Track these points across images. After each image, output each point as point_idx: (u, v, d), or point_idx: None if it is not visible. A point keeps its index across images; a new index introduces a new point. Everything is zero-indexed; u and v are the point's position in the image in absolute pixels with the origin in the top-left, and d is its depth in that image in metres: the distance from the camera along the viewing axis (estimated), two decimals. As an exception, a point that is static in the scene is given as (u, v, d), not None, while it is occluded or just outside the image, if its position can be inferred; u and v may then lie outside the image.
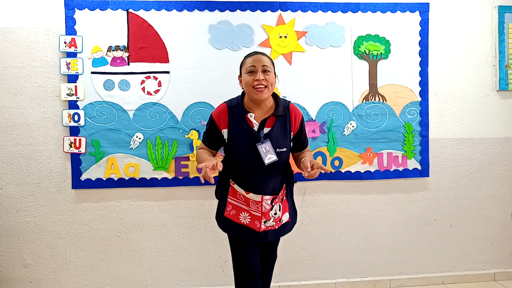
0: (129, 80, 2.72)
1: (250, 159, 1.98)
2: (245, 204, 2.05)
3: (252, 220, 2.04)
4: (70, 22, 2.67)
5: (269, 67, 1.99)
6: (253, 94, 1.98)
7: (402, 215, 2.99)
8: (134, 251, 2.81)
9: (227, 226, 2.10)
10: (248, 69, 1.99)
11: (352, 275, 2.99)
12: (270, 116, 2.03)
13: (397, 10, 2.88)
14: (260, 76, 1.95)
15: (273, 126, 2.02)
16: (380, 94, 2.89)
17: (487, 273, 3.09)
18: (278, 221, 2.08)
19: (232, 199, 2.07)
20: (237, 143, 2.02)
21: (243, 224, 2.05)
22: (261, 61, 1.98)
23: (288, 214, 2.14)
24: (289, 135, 2.09)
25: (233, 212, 2.07)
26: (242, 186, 2.04)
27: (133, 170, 2.74)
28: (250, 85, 1.97)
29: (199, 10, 2.75)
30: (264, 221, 2.03)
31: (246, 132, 2.00)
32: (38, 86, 2.69)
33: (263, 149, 1.96)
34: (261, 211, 2.02)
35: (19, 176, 2.72)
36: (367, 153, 2.89)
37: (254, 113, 2.04)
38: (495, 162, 3.05)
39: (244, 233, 2.06)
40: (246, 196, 2.03)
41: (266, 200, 2.02)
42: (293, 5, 2.81)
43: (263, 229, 2.04)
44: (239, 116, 2.02)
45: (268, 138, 1.99)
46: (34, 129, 2.70)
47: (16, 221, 2.74)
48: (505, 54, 2.98)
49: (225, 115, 2.04)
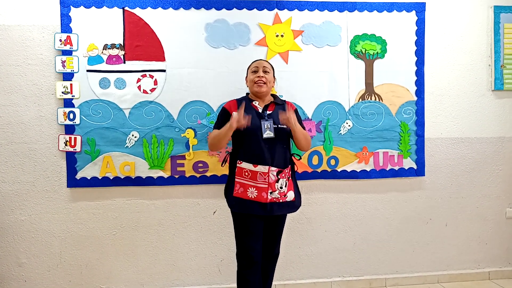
0: (125, 78, 2.71)
1: (258, 133, 2.29)
2: (252, 179, 2.29)
3: (259, 193, 2.27)
4: (66, 20, 2.65)
5: (268, 69, 2.42)
6: (254, 88, 2.38)
7: (397, 214, 3.00)
8: (129, 250, 2.80)
9: (236, 205, 2.32)
10: (252, 70, 2.42)
11: (348, 274, 2.99)
12: (271, 103, 2.43)
13: (394, 9, 2.89)
14: (260, 74, 2.37)
15: (274, 110, 2.40)
16: (376, 93, 2.90)
17: (482, 272, 3.10)
18: (283, 195, 2.31)
19: (239, 178, 2.32)
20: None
21: (250, 199, 2.29)
22: (262, 64, 2.42)
23: (293, 193, 2.37)
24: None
25: (241, 190, 2.31)
26: (250, 160, 2.29)
27: (128, 168, 2.73)
28: (253, 81, 2.38)
29: (195, 8, 2.74)
30: (270, 192, 2.27)
31: (254, 112, 2.36)
32: (33, 84, 2.67)
33: (264, 125, 2.31)
34: (268, 182, 2.27)
35: (14, 175, 2.70)
36: (363, 152, 2.90)
37: (258, 101, 2.42)
38: (490, 162, 3.07)
39: (252, 206, 2.28)
40: (254, 170, 2.28)
41: (272, 171, 2.28)
42: (289, 4, 2.80)
43: (269, 199, 2.27)
44: (246, 103, 2.38)
45: (271, 117, 2.35)
46: (29, 127, 2.69)
47: (11, 219, 2.72)
48: (501, 54, 3.00)
49: (235, 104, 2.41)
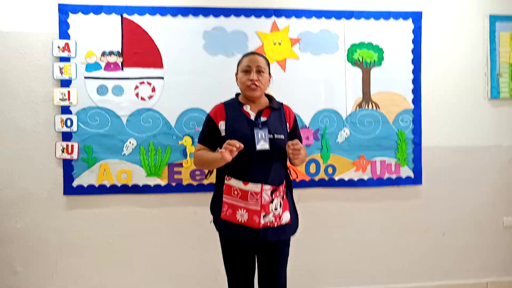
0: (123, 85, 2.71)
1: (249, 145, 1.95)
2: (242, 199, 1.98)
3: (250, 216, 1.97)
4: (64, 26, 2.66)
5: (263, 68, 2.09)
6: (246, 92, 2.08)
7: (395, 223, 2.99)
8: (126, 259, 2.78)
9: (224, 229, 2.04)
10: (243, 68, 2.09)
11: (345, 283, 2.97)
12: (265, 108, 2.11)
13: (390, 17, 2.91)
14: (254, 76, 2.05)
15: (270, 116, 2.09)
16: (373, 101, 2.90)
17: (479, 282, 3.08)
18: (278, 218, 2.00)
19: (228, 198, 2.01)
20: (234, 130, 2.02)
21: (240, 223, 1.98)
22: (256, 61, 2.07)
23: (288, 213, 2.06)
24: (286, 126, 2.13)
25: (230, 212, 2.00)
26: (240, 177, 1.98)
27: (125, 176, 2.72)
28: (244, 84, 2.07)
29: (193, 15, 2.76)
30: (264, 215, 1.96)
31: (244, 120, 2.04)
32: (30, 90, 2.67)
33: (258, 134, 1.97)
34: (260, 203, 1.95)
35: (10, 181, 2.68)
36: (360, 160, 2.90)
37: (250, 105, 2.11)
38: (487, 170, 3.07)
39: (243, 233, 1.98)
40: (244, 188, 1.97)
41: (266, 191, 1.97)
42: (287, 12, 2.82)
43: (262, 224, 1.96)
44: (235, 109, 2.10)
45: (266, 125, 2.02)
46: (26, 134, 2.68)
47: (6, 227, 2.70)
48: (497, 63, 3.01)
49: (222, 110, 2.10)
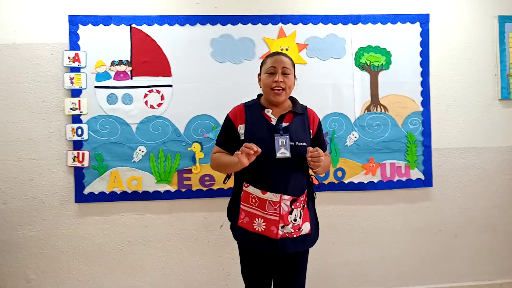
0: (132, 94, 2.74)
1: (269, 152, 1.86)
2: (260, 209, 1.88)
3: (268, 226, 1.87)
4: (74, 38, 2.70)
5: (289, 69, 1.96)
6: (270, 95, 1.96)
7: (406, 225, 2.98)
8: (137, 265, 2.80)
9: (241, 237, 1.96)
10: (268, 70, 1.96)
11: (356, 287, 2.96)
12: (288, 113, 1.98)
13: (398, 21, 2.90)
14: (279, 78, 1.92)
15: (292, 122, 1.97)
16: (382, 104, 2.90)
17: (494, 283, 3.05)
18: (297, 229, 1.90)
19: (245, 205, 1.92)
20: (254, 136, 1.92)
21: (257, 232, 1.89)
22: (281, 62, 1.95)
23: (309, 224, 1.96)
24: (309, 132, 2.02)
25: (247, 220, 1.92)
26: (258, 185, 1.89)
27: (136, 183, 2.75)
28: (268, 87, 1.95)
29: (201, 24, 2.78)
30: (282, 226, 1.86)
31: (265, 125, 1.93)
32: (42, 101, 2.71)
33: (279, 141, 1.87)
34: (279, 213, 1.85)
35: (23, 191, 2.72)
36: (370, 163, 2.89)
37: (271, 109, 2.00)
38: (498, 171, 3.04)
39: (259, 242, 1.90)
40: (262, 197, 1.87)
41: (285, 201, 1.86)
42: (294, 18, 2.83)
43: (280, 235, 1.87)
44: (256, 112, 1.98)
45: (287, 131, 1.90)
46: (37, 144, 2.72)
47: (19, 235, 2.74)
48: (507, 64, 2.99)
49: (242, 112, 2.00)
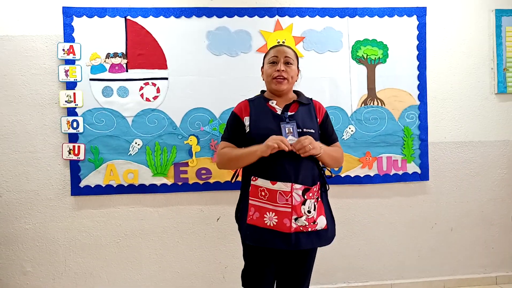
0: (128, 86, 2.72)
1: None
2: (271, 201, 1.80)
3: (280, 219, 1.78)
4: (69, 30, 2.68)
5: (291, 59, 1.95)
6: (272, 84, 1.94)
7: (402, 219, 2.99)
8: (133, 258, 2.81)
9: (251, 235, 1.85)
10: (270, 60, 1.95)
11: (352, 280, 2.97)
12: (293, 103, 1.96)
13: (395, 14, 2.89)
14: (281, 67, 1.91)
15: (298, 111, 1.94)
16: (379, 98, 2.89)
17: (488, 276, 3.07)
18: (312, 222, 1.81)
19: (254, 200, 1.84)
20: (260, 126, 1.89)
21: (269, 228, 1.80)
22: (284, 52, 1.94)
23: (324, 218, 1.88)
24: (316, 120, 1.97)
25: (257, 215, 1.83)
26: (267, 176, 1.82)
27: (132, 176, 2.74)
28: (270, 76, 1.94)
29: (197, 16, 2.76)
30: (295, 218, 1.78)
31: (270, 115, 1.91)
32: (36, 93, 2.69)
33: (286, 129, 1.84)
34: (291, 204, 1.77)
35: (18, 184, 2.72)
36: (366, 157, 2.89)
37: (275, 101, 1.97)
38: (494, 165, 3.05)
39: (271, 239, 1.80)
40: (272, 188, 1.79)
41: (296, 190, 1.79)
42: (290, 10, 2.81)
43: (294, 228, 1.77)
44: (260, 105, 1.96)
45: (294, 119, 1.88)
46: (33, 136, 2.70)
47: (15, 228, 2.73)
48: (503, 57, 2.99)
49: (246, 106, 1.97)
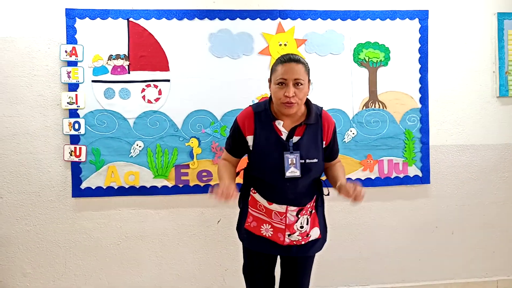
0: (130, 88, 2.72)
1: (277, 168, 1.80)
2: (267, 216, 1.87)
3: (275, 233, 1.87)
4: (71, 31, 2.68)
5: (302, 80, 1.76)
6: (281, 108, 1.80)
7: (403, 222, 2.98)
8: (134, 260, 2.80)
9: (247, 239, 1.95)
10: (278, 81, 1.76)
11: (353, 283, 2.97)
12: (300, 125, 1.85)
13: (396, 17, 2.89)
14: (290, 93, 1.73)
15: (303, 135, 1.84)
16: (380, 101, 2.89)
17: (490, 280, 3.06)
18: (305, 235, 1.88)
19: (253, 210, 1.91)
20: (263, 151, 1.84)
21: (264, 237, 1.90)
22: (293, 73, 1.74)
23: (318, 229, 1.93)
24: (321, 144, 1.91)
25: (254, 224, 1.91)
26: (264, 197, 1.87)
27: (133, 178, 2.74)
28: (278, 99, 1.78)
29: (199, 18, 2.76)
30: (288, 234, 1.85)
31: (274, 140, 1.82)
32: (38, 95, 2.69)
33: (289, 160, 1.77)
34: (285, 223, 1.84)
35: (19, 185, 2.71)
36: (367, 160, 2.89)
37: (282, 121, 1.85)
38: (496, 169, 3.04)
39: (265, 246, 1.90)
40: (268, 207, 1.86)
41: (291, 212, 1.84)
42: (292, 13, 2.82)
43: (287, 243, 1.88)
44: (266, 123, 1.85)
45: (298, 148, 1.80)
46: (34, 138, 2.70)
47: (16, 230, 2.73)
48: (505, 61, 2.98)
49: (251, 121, 1.86)
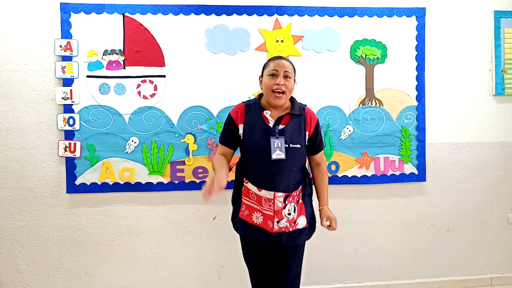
0: (125, 84, 2.71)
1: (264, 153, 1.99)
2: (258, 203, 2.04)
3: (265, 220, 2.03)
4: (66, 26, 2.66)
5: (290, 73, 2.05)
6: (271, 98, 2.03)
7: (399, 219, 2.99)
8: (129, 256, 2.79)
9: (241, 228, 2.11)
10: (270, 72, 2.04)
11: (349, 280, 2.97)
12: (285, 115, 2.07)
13: (394, 14, 2.89)
14: (280, 81, 2.00)
15: (288, 123, 2.06)
16: (377, 98, 2.89)
17: (484, 278, 3.08)
18: (292, 222, 2.05)
19: (246, 199, 2.08)
20: (252, 137, 2.05)
21: (255, 225, 2.05)
22: (283, 66, 2.03)
23: (305, 218, 2.10)
24: (304, 134, 2.10)
25: (246, 213, 2.08)
26: (255, 183, 2.04)
27: (128, 174, 2.72)
28: (270, 88, 2.02)
29: (195, 14, 2.74)
30: (277, 221, 2.01)
31: (262, 126, 2.03)
32: (33, 90, 2.67)
33: (274, 143, 1.98)
34: (273, 209, 2.01)
35: (13, 181, 2.69)
36: (363, 157, 2.89)
37: (270, 111, 2.08)
38: (491, 167, 3.05)
39: (257, 234, 2.06)
40: (259, 194, 2.03)
41: (278, 198, 2.00)
42: (289, 9, 2.80)
43: (276, 230, 2.02)
44: (255, 113, 2.08)
45: (283, 134, 2.01)
46: (28, 133, 2.68)
47: (10, 225, 2.71)
48: (501, 59, 2.99)
49: (242, 111, 2.09)
